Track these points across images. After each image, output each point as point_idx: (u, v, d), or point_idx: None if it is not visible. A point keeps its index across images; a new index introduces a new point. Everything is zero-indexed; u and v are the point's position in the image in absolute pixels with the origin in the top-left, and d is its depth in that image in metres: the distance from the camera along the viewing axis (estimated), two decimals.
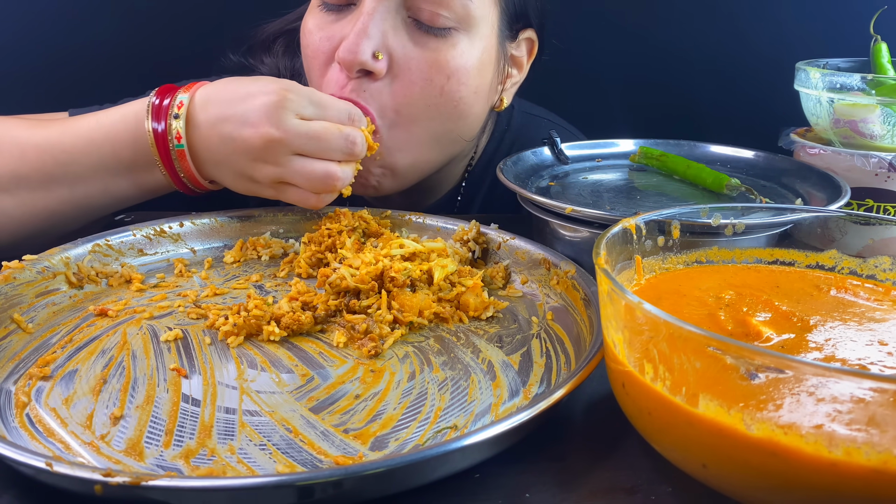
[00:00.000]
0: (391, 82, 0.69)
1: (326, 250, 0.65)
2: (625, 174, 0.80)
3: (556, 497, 0.38)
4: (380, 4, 0.68)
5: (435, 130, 0.73)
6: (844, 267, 0.48)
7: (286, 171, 0.62)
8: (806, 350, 0.37)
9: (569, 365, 0.49)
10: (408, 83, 0.69)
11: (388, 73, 0.69)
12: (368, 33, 0.67)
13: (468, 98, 0.73)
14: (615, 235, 0.44)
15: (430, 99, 0.70)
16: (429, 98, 0.70)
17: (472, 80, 0.72)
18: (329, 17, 0.71)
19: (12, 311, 0.53)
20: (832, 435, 0.29)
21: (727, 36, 1.18)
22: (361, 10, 0.68)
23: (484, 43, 0.72)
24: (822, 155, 0.77)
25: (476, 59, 0.72)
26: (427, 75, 0.69)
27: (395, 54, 0.69)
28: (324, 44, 0.71)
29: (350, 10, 0.71)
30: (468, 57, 0.71)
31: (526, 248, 0.63)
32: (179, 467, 0.39)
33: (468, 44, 0.71)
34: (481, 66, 0.73)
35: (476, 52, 0.72)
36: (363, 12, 0.68)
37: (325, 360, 0.50)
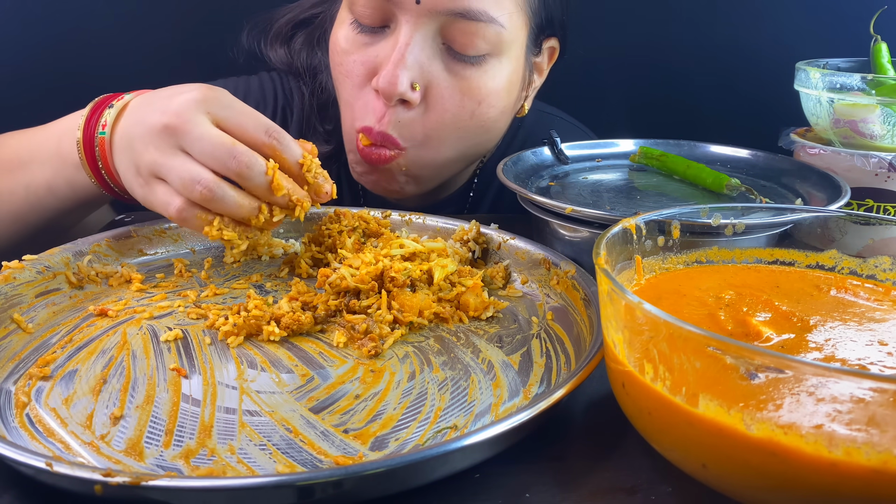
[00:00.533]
0: (425, 111, 0.71)
1: (327, 250, 0.65)
2: (625, 174, 0.80)
3: (556, 497, 0.38)
4: (416, 33, 0.68)
5: (461, 147, 0.76)
6: (844, 267, 0.48)
7: (164, 161, 0.57)
8: (806, 350, 0.37)
9: (569, 365, 0.49)
10: (441, 111, 0.71)
11: (422, 102, 0.71)
12: (406, 64, 0.68)
13: (496, 118, 0.76)
14: (615, 235, 0.44)
15: (460, 123, 0.73)
16: (459, 122, 0.73)
17: (502, 101, 0.75)
18: (363, 38, 0.72)
19: (12, 311, 0.53)
20: (832, 435, 0.29)
21: (727, 36, 1.18)
22: (398, 37, 0.69)
23: (513, 65, 0.74)
24: (822, 155, 0.77)
25: (505, 81, 0.74)
26: (460, 102, 0.71)
27: (430, 84, 0.70)
28: (358, 67, 0.72)
29: (384, 34, 0.71)
30: (498, 80, 0.73)
31: (526, 248, 0.63)
32: (179, 467, 0.39)
33: (499, 68, 0.73)
34: (510, 87, 0.75)
35: (505, 74, 0.74)
36: (400, 41, 0.69)
37: (325, 360, 0.50)
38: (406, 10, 0.68)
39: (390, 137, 0.71)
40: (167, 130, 0.56)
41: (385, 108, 0.70)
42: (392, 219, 0.70)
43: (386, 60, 0.69)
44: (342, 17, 0.75)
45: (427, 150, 0.74)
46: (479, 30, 0.69)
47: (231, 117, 0.57)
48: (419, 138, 0.72)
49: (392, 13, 0.69)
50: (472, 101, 0.72)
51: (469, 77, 0.71)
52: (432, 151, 0.74)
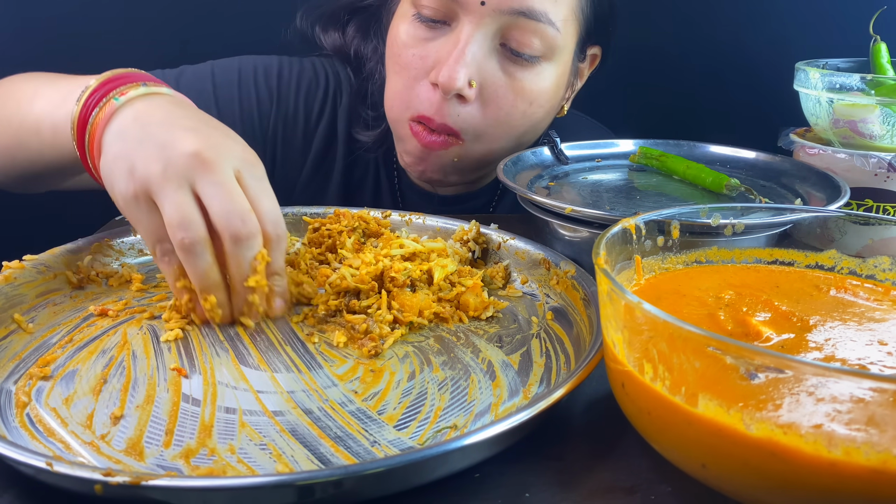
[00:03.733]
0: (480, 107, 0.75)
1: (327, 250, 0.65)
2: (624, 174, 0.80)
3: (555, 497, 0.38)
4: (477, 31, 0.72)
5: (509, 144, 0.80)
6: (844, 267, 0.48)
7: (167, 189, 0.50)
8: (806, 350, 0.37)
9: (568, 365, 0.49)
10: (495, 108, 0.75)
11: (478, 99, 0.75)
12: (466, 61, 0.72)
13: (543, 117, 0.81)
14: (615, 235, 0.44)
15: (513, 121, 0.77)
16: (512, 120, 0.77)
17: (549, 102, 0.79)
18: (423, 32, 0.75)
19: (13, 311, 0.53)
20: (832, 435, 0.29)
21: (727, 36, 1.18)
22: (459, 35, 0.72)
23: (562, 69, 0.79)
24: (821, 155, 0.77)
25: (553, 84, 0.78)
26: (513, 102, 0.75)
27: (485, 81, 0.74)
28: (416, 61, 0.75)
29: (445, 30, 0.74)
30: (548, 82, 0.77)
31: (526, 248, 0.64)
32: (179, 467, 0.39)
33: (550, 70, 0.77)
34: (556, 89, 0.80)
35: (554, 76, 0.78)
36: (461, 39, 0.72)
37: (326, 360, 0.50)
38: (470, 11, 0.72)
39: (449, 127, 0.75)
40: (195, 159, 0.50)
41: (442, 101, 0.74)
42: (392, 219, 0.70)
43: (446, 56, 0.72)
44: (404, 11, 0.78)
45: (481, 144, 0.78)
46: (537, 29, 0.72)
47: (253, 187, 0.52)
48: (476, 132, 0.77)
49: (455, 11, 0.73)
50: (524, 100, 0.76)
51: (522, 78, 0.75)
52: (485, 146, 0.78)
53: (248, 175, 0.53)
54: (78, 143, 0.58)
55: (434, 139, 0.76)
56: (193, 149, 0.51)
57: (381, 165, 0.93)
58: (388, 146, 0.90)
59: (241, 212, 0.50)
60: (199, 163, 0.50)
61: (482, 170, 0.85)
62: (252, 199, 0.52)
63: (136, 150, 0.52)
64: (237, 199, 0.50)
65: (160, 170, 0.50)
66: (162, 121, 0.54)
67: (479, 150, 0.78)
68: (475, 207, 0.93)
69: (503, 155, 0.80)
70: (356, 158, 0.93)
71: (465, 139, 0.76)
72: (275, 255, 0.53)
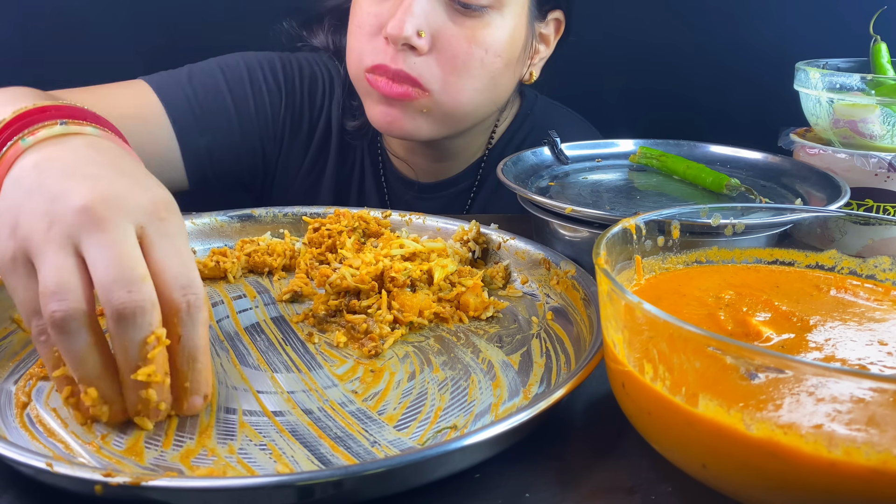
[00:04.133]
0: (436, 56, 0.77)
1: (327, 250, 0.65)
2: (625, 174, 0.80)
3: (556, 497, 0.38)
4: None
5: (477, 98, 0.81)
6: (844, 267, 0.48)
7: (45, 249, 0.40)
8: (806, 350, 0.37)
9: (569, 365, 0.49)
10: (451, 56, 0.78)
11: (433, 49, 0.77)
12: (413, 11, 0.75)
13: (503, 70, 0.82)
14: (615, 235, 0.44)
15: (471, 69, 0.79)
16: (470, 68, 0.79)
17: (506, 52, 0.81)
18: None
19: (12, 311, 0.53)
20: (832, 435, 0.29)
21: (727, 36, 1.18)
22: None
23: (514, 21, 0.80)
24: (821, 155, 0.77)
25: (507, 35, 0.80)
26: (467, 49, 0.78)
27: (436, 32, 0.77)
28: (370, 19, 0.78)
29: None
30: (501, 32, 0.79)
31: (526, 248, 0.64)
32: (179, 467, 0.39)
33: (500, 20, 0.79)
34: (512, 42, 0.81)
35: (507, 28, 0.80)
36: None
37: (326, 360, 0.50)
38: None
39: (409, 76, 0.77)
40: (85, 215, 0.41)
41: (396, 52, 0.76)
42: (392, 219, 0.70)
43: (394, 10, 0.76)
44: None
45: (447, 95, 0.79)
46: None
47: (159, 246, 0.42)
48: (440, 82, 0.78)
49: None
50: (479, 48, 0.78)
51: (472, 27, 0.77)
52: (452, 97, 0.79)
53: (153, 231, 0.42)
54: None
55: (396, 88, 0.78)
56: (84, 202, 0.41)
57: (366, 154, 0.96)
58: (374, 134, 0.93)
59: (127, 279, 0.40)
60: (89, 220, 0.41)
61: (455, 125, 0.84)
62: (155, 260, 0.42)
63: (24, 203, 0.43)
64: (125, 264, 0.40)
65: (44, 227, 0.41)
66: (63, 168, 0.44)
67: (447, 101, 0.79)
68: (456, 193, 0.95)
69: (473, 108, 0.82)
70: (346, 150, 0.96)
71: (429, 89, 0.78)
72: (188, 331, 0.42)
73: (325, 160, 0.96)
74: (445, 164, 0.94)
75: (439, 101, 0.79)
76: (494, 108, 0.87)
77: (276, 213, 0.71)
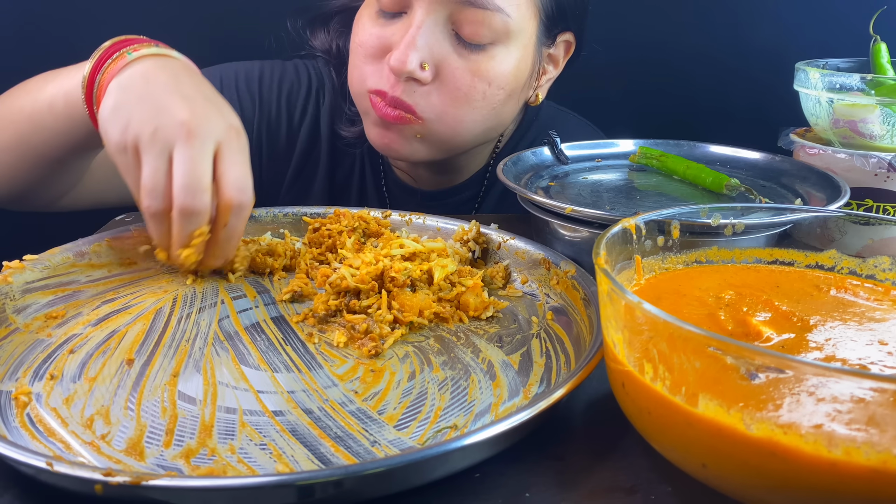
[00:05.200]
0: (438, 87, 0.77)
1: (327, 250, 0.65)
2: (624, 174, 0.80)
3: (556, 496, 0.38)
4: (428, 18, 0.74)
5: (476, 129, 0.81)
6: (844, 267, 0.48)
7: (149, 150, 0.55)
8: (806, 350, 0.37)
9: (569, 365, 0.49)
10: (453, 89, 0.77)
11: (435, 80, 0.76)
12: (416, 45, 0.74)
13: (505, 100, 0.81)
14: (615, 235, 0.44)
15: (473, 102, 0.78)
16: (472, 102, 0.78)
17: (510, 85, 0.79)
18: (382, 21, 0.78)
19: (11, 311, 0.53)
20: (832, 435, 0.29)
21: (727, 36, 1.18)
22: (412, 20, 0.75)
23: (521, 52, 0.79)
24: (821, 155, 0.77)
25: (513, 67, 0.79)
26: (470, 82, 0.77)
27: (440, 64, 0.76)
28: (373, 40, 0.78)
29: (401, 17, 0.77)
30: (506, 66, 0.78)
31: (526, 248, 0.64)
32: (180, 467, 0.39)
33: (506, 53, 0.77)
34: (518, 73, 0.80)
35: (513, 60, 0.78)
36: (413, 24, 0.74)
37: (326, 360, 0.50)
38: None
39: (404, 103, 0.76)
40: (183, 128, 0.55)
41: (397, 81, 0.76)
42: (392, 219, 0.70)
43: (399, 40, 0.75)
44: (368, 2, 0.80)
45: (444, 124, 0.78)
46: (485, 18, 0.74)
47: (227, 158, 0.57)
48: (435, 112, 0.77)
49: (409, 1, 0.75)
50: (482, 81, 0.77)
51: (477, 60, 0.76)
52: (449, 126, 0.79)
53: (226, 146, 0.57)
54: (86, 97, 0.63)
55: (389, 112, 0.77)
56: (184, 118, 0.56)
57: (366, 162, 0.95)
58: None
59: (195, 188, 0.55)
60: (185, 133, 0.55)
61: (452, 151, 0.84)
62: (224, 167, 0.57)
63: (135, 106, 0.57)
64: (197, 175, 0.55)
65: (150, 131, 0.55)
66: (166, 82, 0.59)
67: (443, 130, 0.79)
68: (460, 202, 0.94)
69: (472, 137, 0.82)
70: (341, 157, 0.95)
71: (423, 118, 0.77)
72: (233, 223, 0.58)
73: (313, 168, 0.94)
74: (449, 176, 0.94)
75: (434, 130, 0.79)
76: (495, 134, 0.86)
77: (276, 213, 0.71)
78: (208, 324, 0.55)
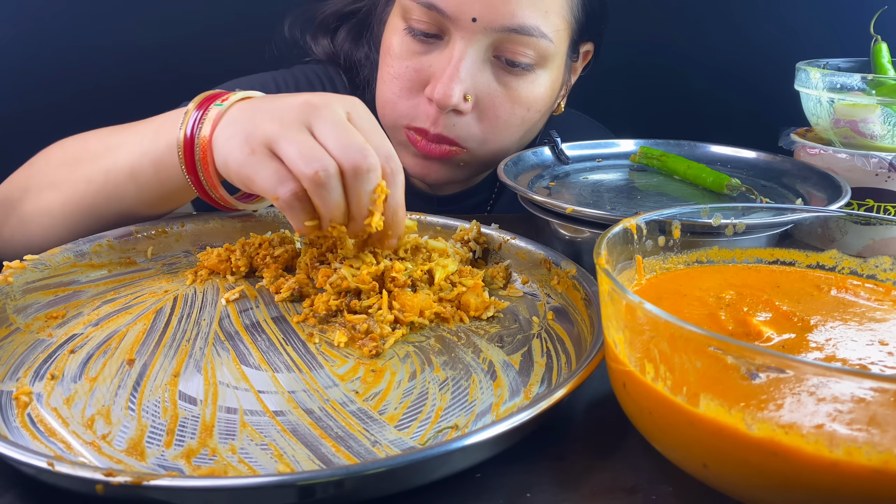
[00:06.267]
0: (478, 117, 0.77)
1: (327, 250, 0.65)
2: (625, 174, 0.80)
3: (556, 497, 0.38)
4: (470, 48, 0.73)
5: (511, 147, 0.82)
6: (845, 267, 0.48)
7: (286, 134, 0.53)
8: (806, 350, 0.37)
9: (569, 365, 0.49)
10: (493, 117, 0.77)
11: (475, 109, 0.76)
12: (461, 77, 0.73)
13: (540, 119, 0.83)
14: (616, 235, 0.44)
15: (511, 127, 0.79)
16: (510, 126, 0.79)
17: (546, 105, 0.81)
18: (417, 46, 0.76)
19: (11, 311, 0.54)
20: (833, 435, 0.29)
21: (727, 36, 1.18)
22: (452, 52, 0.73)
23: (555, 73, 0.80)
24: (822, 155, 0.77)
25: (548, 88, 0.80)
26: (510, 110, 0.77)
27: (481, 93, 0.75)
28: (410, 73, 0.76)
29: (438, 44, 0.75)
30: (542, 88, 0.79)
31: (527, 248, 0.64)
32: (181, 467, 0.39)
33: (544, 77, 0.78)
34: (552, 92, 0.81)
35: (549, 82, 0.79)
36: (454, 56, 0.73)
37: (326, 360, 0.50)
38: (461, 27, 0.72)
39: (447, 138, 0.77)
40: (306, 106, 0.54)
41: (438, 115, 0.75)
42: None
43: (440, 72, 0.74)
44: (395, 25, 0.78)
45: (485, 148, 0.79)
46: (530, 43, 0.74)
47: (363, 126, 0.55)
48: (478, 140, 0.78)
49: (447, 26, 0.73)
50: (521, 107, 0.77)
51: (517, 87, 0.76)
52: (489, 150, 0.80)
53: (356, 115, 0.55)
54: (187, 162, 0.59)
55: (433, 148, 0.77)
56: (303, 99, 0.54)
57: None
58: None
59: (359, 145, 0.52)
60: (312, 108, 0.53)
61: (488, 168, 0.86)
62: (364, 136, 0.53)
63: (248, 123, 0.55)
64: (354, 134, 0.52)
65: (277, 125, 0.53)
66: (266, 102, 0.57)
67: (483, 153, 0.80)
68: (474, 204, 0.94)
69: (506, 154, 0.81)
70: None
71: (466, 147, 0.78)
72: (393, 191, 0.54)
73: None
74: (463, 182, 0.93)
75: (476, 155, 0.79)
76: (522, 146, 0.86)
77: (276, 213, 0.71)
78: (209, 324, 0.55)
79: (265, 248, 0.65)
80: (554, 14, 0.74)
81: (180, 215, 0.68)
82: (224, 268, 0.63)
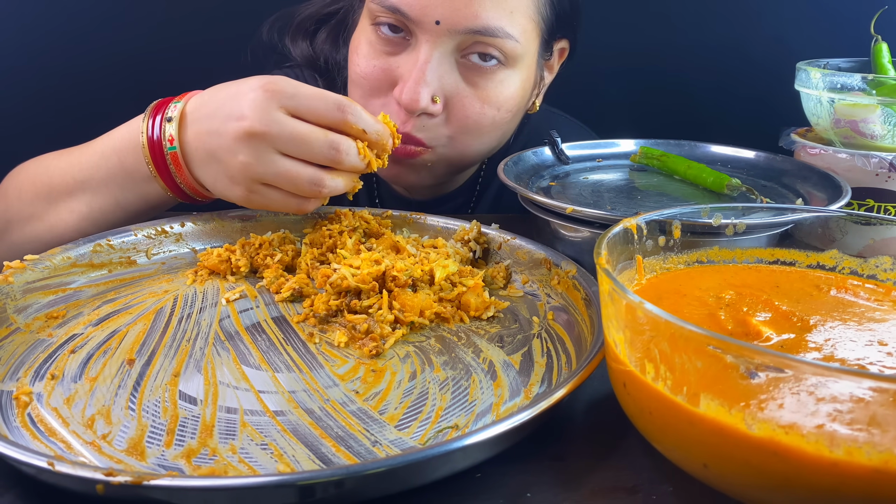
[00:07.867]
0: (447, 118, 0.76)
1: (327, 250, 0.65)
2: (625, 174, 0.80)
3: (557, 496, 0.38)
4: (435, 50, 0.72)
5: (481, 148, 0.81)
6: (845, 267, 0.48)
7: (268, 170, 0.59)
8: (806, 350, 0.37)
9: (570, 365, 0.49)
10: (462, 117, 0.76)
11: (444, 109, 0.75)
12: (427, 80, 0.72)
13: (511, 119, 0.81)
14: (616, 235, 0.44)
15: (482, 128, 0.78)
16: (480, 127, 0.77)
17: (517, 105, 0.80)
18: (383, 47, 0.75)
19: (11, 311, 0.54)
20: (833, 434, 0.29)
21: (728, 36, 1.18)
22: (418, 55, 0.73)
23: (525, 73, 0.79)
24: (822, 155, 0.77)
25: (519, 88, 0.78)
26: (480, 109, 0.76)
27: (449, 94, 0.75)
28: (378, 73, 0.76)
29: (405, 45, 0.75)
30: (513, 88, 0.77)
31: (527, 248, 0.64)
32: (181, 467, 0.39)
33: (513, 76, 0.77)
34: (523, 92, 0.80)
35: (519, 81, 0.78)
36: (420, 59, 0.72)
37: (327, 360, 0.50)
38: (426, 30, 0.72)
39: (415, 138, 0.76)
40: (253, 137, 0.58)
41: (408, 117, 0.74)
42: (392, 219, 0.70)
43: (406, 74, 0.73)
44: (363, 26, 0.78)
45: (452, 150, 0.78)
46: (495, 43, 0.73)
47: (302, 104, 0.58)
48: (444, 140, 0.77)
49: (412, 28, 0.73)
50: (491, 107, 0.76)
51: (485, 87, 0.75)
52: (457, 150, 0.79)
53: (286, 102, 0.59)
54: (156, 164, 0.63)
55: (400, 149, 0.76)
56: (242, 130, 0.58)
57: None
58: None
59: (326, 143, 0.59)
60: (259, 137, 0.58)
61: (457, 173, 0.86)
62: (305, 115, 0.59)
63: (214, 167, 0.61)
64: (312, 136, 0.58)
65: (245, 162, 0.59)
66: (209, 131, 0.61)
67: (452, 154, 0.79)
68: (453, 209, 0.94)
69: (478, 157, 0.82)
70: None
71: (432, 146, 0.77)
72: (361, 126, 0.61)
73: None
74: (443, 185, 0.93)
75: (442, 154, 0.78)
76: (498, 147, 0.86)
77: (277, 213, 0.71)
78: (209, 324, 0.55)
79: (265, 248, 0.65)
80: (519, 14, 0.73)
81: (180, 215, 0.68)
82: (224, 268, 0.63)
